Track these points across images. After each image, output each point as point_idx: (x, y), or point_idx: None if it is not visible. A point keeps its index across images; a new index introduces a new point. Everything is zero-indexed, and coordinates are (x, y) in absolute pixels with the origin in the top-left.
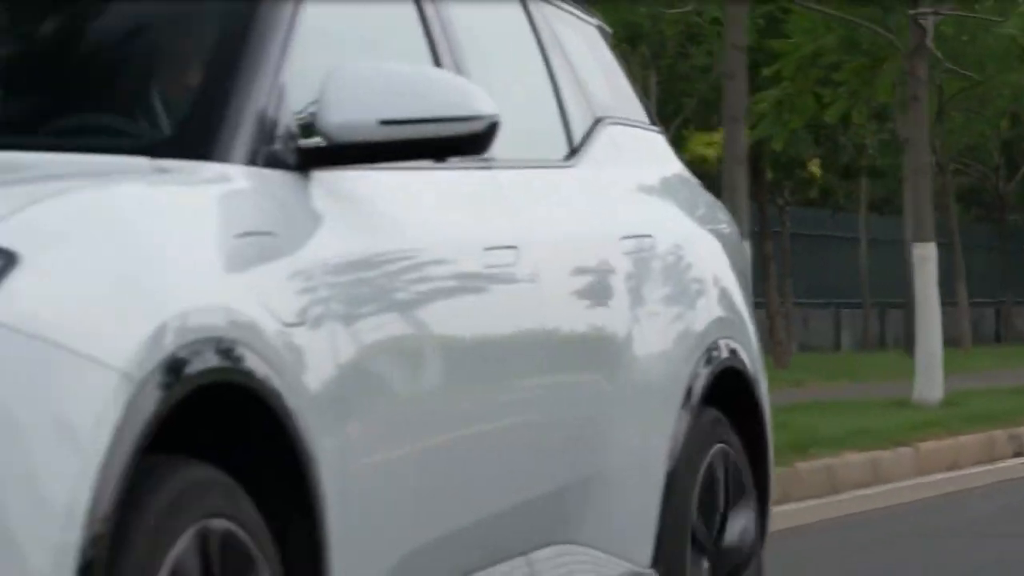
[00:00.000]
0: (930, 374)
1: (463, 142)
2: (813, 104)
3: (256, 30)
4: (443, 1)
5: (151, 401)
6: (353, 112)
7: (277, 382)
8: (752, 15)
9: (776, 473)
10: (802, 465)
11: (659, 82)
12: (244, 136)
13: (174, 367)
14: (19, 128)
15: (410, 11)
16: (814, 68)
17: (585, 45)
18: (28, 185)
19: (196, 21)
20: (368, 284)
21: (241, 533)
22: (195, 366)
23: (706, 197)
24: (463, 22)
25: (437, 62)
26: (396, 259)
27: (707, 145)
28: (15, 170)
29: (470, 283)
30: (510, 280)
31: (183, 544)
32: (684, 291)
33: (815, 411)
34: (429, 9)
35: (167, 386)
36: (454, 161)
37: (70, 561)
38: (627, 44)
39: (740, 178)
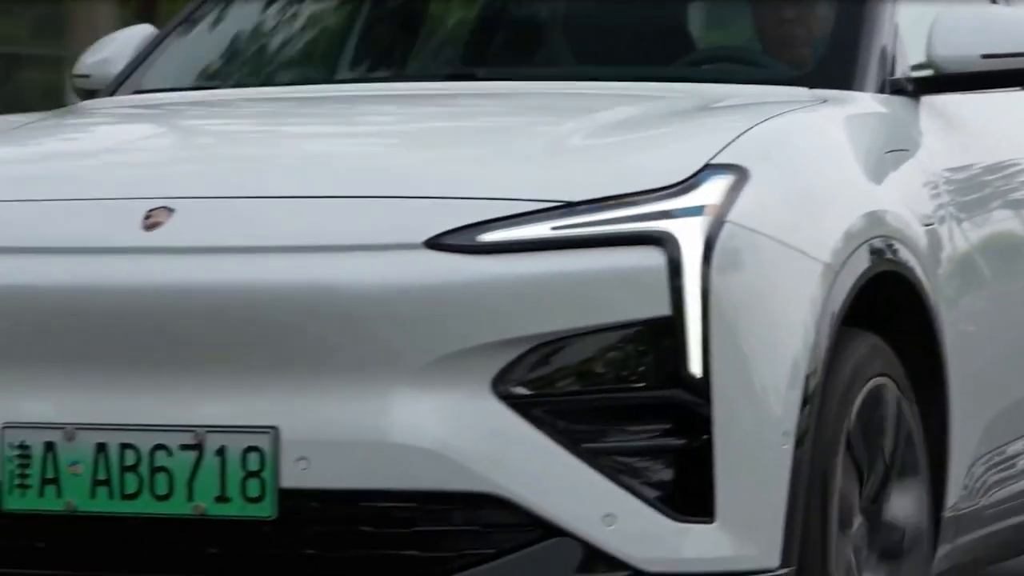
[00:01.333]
0: None
1: None
2: None
3: None
4: None
5: (845, 286)
6: (960, 47)
7: (918, 269)
8: None
9: None
10: None
11: None
12: (873, 69)
13: (860, 259)
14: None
15: None
16: None
17: None
18: (737, 113)
19: None
20: (970, 188)
21: (895, 388)
22: (873, 258)
23: None
24: None
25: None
26: (987, 168)
27: None
28: (717, 100)
29: None
30: None
31: (861, 398)
32: None
33: None
34: None
35: (855, 274)
36: None
37: (794, 413)
38: None
39: None
